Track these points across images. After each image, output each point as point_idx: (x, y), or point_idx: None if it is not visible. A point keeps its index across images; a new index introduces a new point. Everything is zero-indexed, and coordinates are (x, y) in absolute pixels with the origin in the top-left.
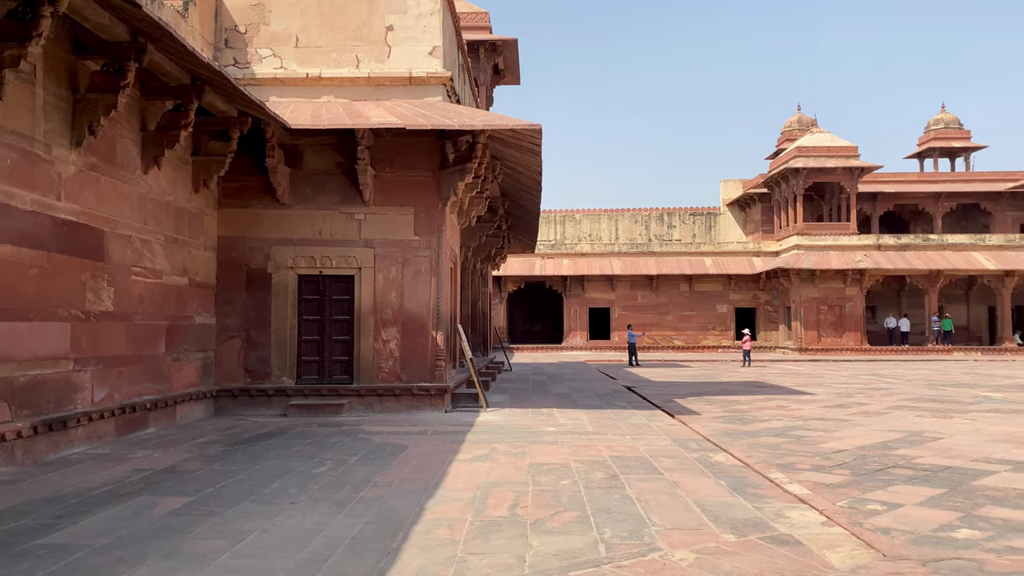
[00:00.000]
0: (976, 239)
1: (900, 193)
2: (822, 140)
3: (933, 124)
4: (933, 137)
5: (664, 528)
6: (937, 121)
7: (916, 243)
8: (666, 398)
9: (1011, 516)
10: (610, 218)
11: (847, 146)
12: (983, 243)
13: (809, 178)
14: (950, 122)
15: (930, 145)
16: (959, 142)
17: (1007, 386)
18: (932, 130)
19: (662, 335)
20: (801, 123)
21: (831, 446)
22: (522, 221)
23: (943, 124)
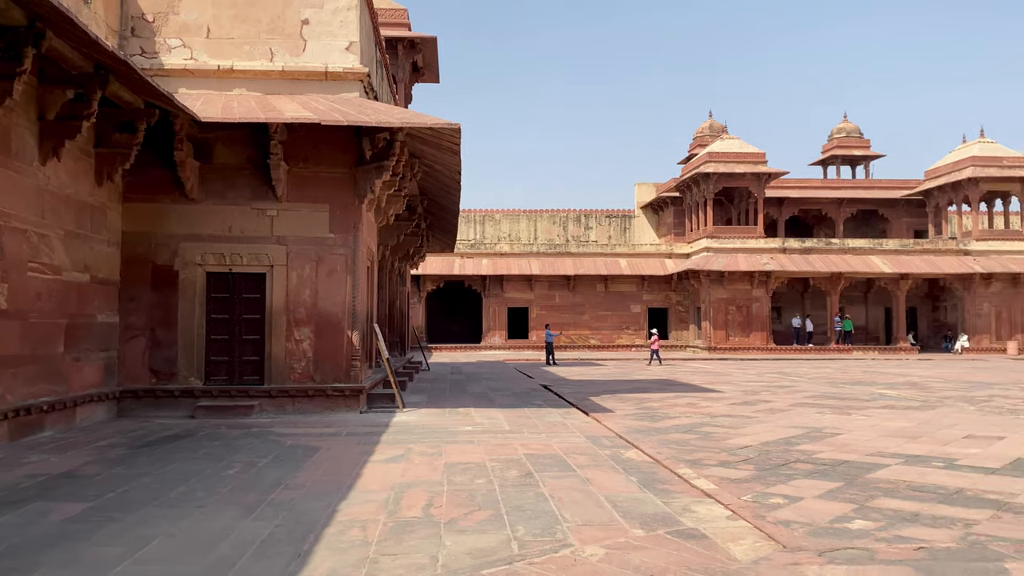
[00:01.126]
0: (874, 243)
1: (805, 198)
2: (732, 146)
3: (836, 133)
4: (836, 145)
5: (576, 524)
6: (840, 130)
7: (819, 247)
8: (581, 396)
9: (901, 507)
10: (529, 218)
11: (755, 152)
12: (881, 247)
13: (719, 183)
14: (852, 131)
15: (833, 153)
16: (860, 150)
17: (900, 384)
18: (835, 138)
19: (579, 334)
20: (712, 129)
21: (737, 442)
22: (441, 220)
23: (845, 133)
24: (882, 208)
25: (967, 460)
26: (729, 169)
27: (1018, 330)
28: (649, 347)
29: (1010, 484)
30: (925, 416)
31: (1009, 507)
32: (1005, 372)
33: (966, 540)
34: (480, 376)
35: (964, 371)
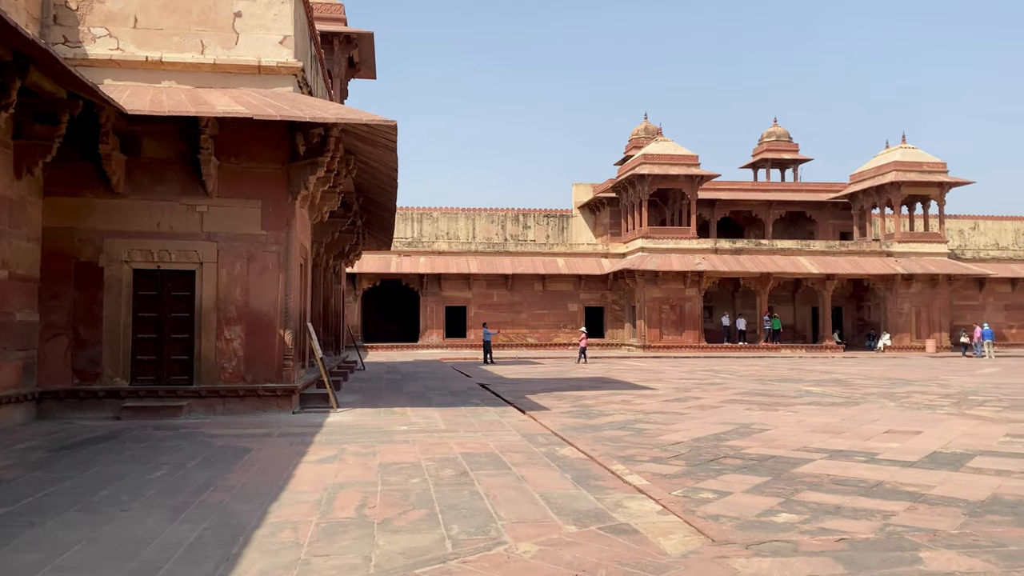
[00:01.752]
0: (802, 245)
1: (736, 200)
2: (666, 148)
3: (766, 136)
4: (766, 149)
5: (510, 522)
6: (770, 134)
7: (749, 247)
8: (518, 395)
9: (824, 500)
10: (467, 217)
11: (689, 155)
12: (808, 248)
13: (654, 184)
14: (781, 135)
15: (763, 156)
16: (789, 154)
17: (826, 380)
18: (765, 142)
19: (516, 333)
20: (648, 131)
21: (669, 438)
22: (378, 218)
23: (775, 137)
24: (810, 210)
25: (887, 454)
26: (663, 171)
27: (936, 329)
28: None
29: (926, 477)
30: (849, 412)
31: (925, 499)
32: (924, 369)
33: (884, 531)
34: (417, 375)
35: (886, 368)
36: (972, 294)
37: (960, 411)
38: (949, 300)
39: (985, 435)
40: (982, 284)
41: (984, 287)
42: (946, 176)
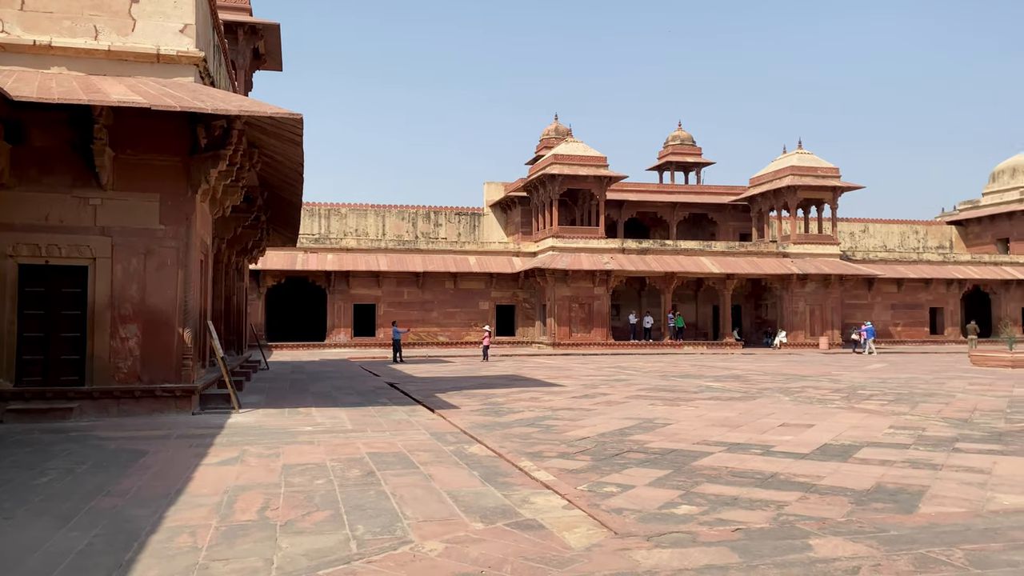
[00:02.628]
0: (704, 245)
1: (642, 202)
2: (576, 149)
3: (671, 140)
4: (671, 152)
5: (417, 521)
6: (675, 137)
7: (655, 247)
8: (428, 393)
9: (722, 491)
10: (377, 214)
11: (598, 156)
12: (710, 249)
13: (564, 184)
14: (685, 139)
15: (668, 159)
16: (692, 157)
17: (725, 376)
18: (670, 145)
19: (427, 332)
20: (558, 132)
21: (576, 434)
22: (283, 213)
23: (679, 140)
24: (711, 212)
25: (781, 447)
26: (573, 171)
27: (829, 327)
28: (479, 343)
29: (817, 468)
30: (746, 406)
31: (815, 489)
32: (817, 365)
33: (778, 520)
34: (323, 375)
35: (781, 364)
36: (862, 293)
37: (849, 405)
38: (841, 299)
39: (871, 427)
40: (871, 284)
41: (873, 287)
42: (839, 181)
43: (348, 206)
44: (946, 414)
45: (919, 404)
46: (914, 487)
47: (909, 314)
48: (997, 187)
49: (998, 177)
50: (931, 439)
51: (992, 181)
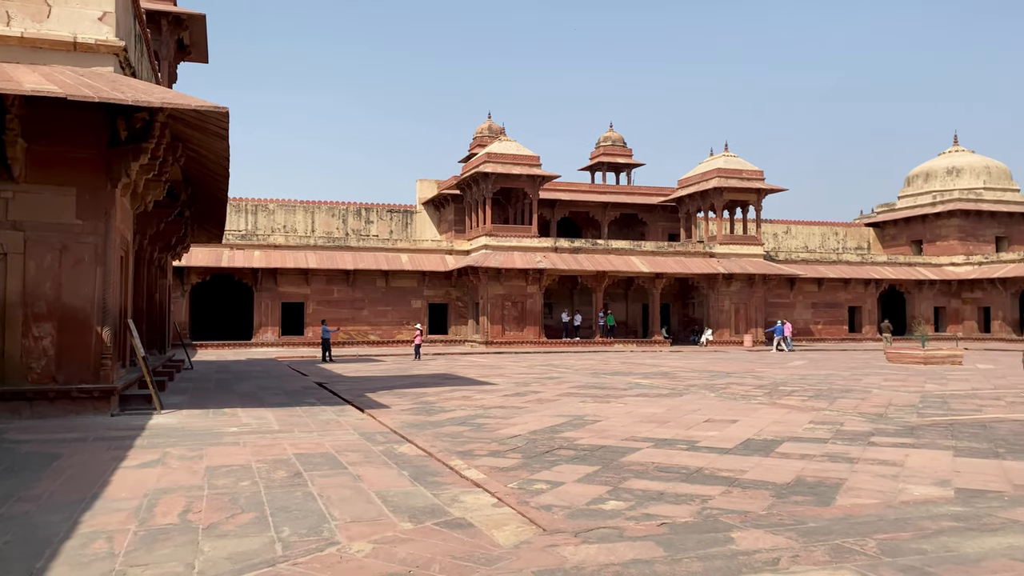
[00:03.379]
0: (634, 245)
1: (574, 201)
2: (509, 148)
3: (603, 141)
4: (602, 153)
5: (344, 521)
6: (606, 138)
7: (587, 247)
8: (358, 393)
9: (649, 487)
10: (306, 210)
11: (531, 155)
12: (640, 249)
13: (497, 183)
14: (617, 140)
15: (600, 159)
16: (623, 158)
17: (654, 373)
18: (602, 146)
19: (358, 330)
20: (492, 130)
21: (507, 432)
22: (208, 209)
23: (611, 141)
24: (642, 212)
25: (706, 442)
26: (507, 170)
27: (753, 325)
28: (411, 342)
29: (740, 462)
30: (673, 403)
31: (738, 483)
32: (741, 362)
33: (702, 514)
34: (250, 374)
35: (708, 362)
36: (784, 292)
37: (771, 401)
38: (764, 298)
39: (792, 423)
40: (793, 283)
41: (795, 286)
42: (763, 183)
43: (276, 202)
44: (863, 409)
45: (837, 400)
46: (832, 480)
47: (829, 313)
48: (912, 191)
49: (913, 181)
50: (848, 433)
51: (907, 185)
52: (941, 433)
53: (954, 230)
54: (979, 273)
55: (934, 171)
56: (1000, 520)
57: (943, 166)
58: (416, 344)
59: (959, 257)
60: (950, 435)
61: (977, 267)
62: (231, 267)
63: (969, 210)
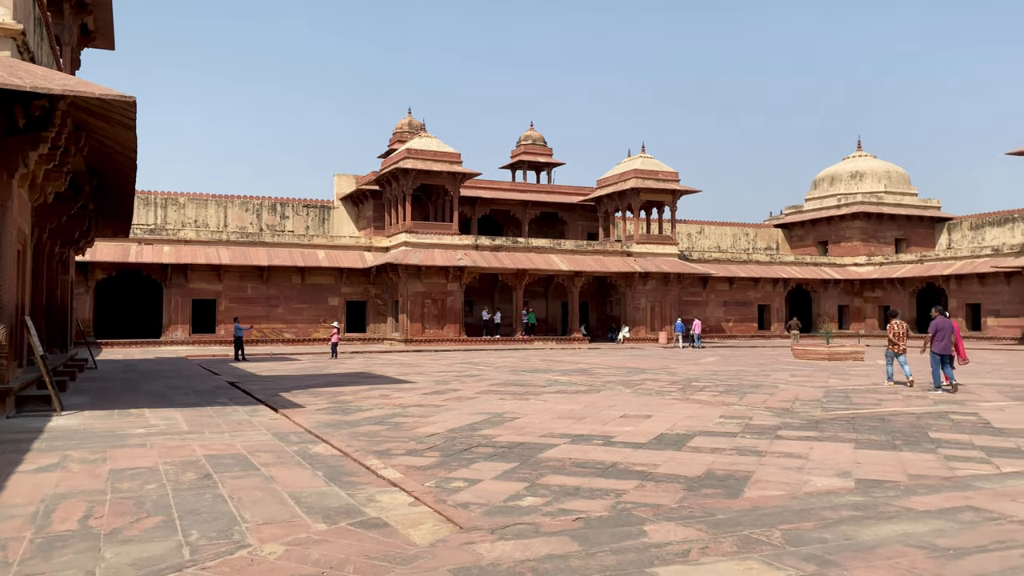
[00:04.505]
0: (554, 244)
1: (495, 199)
2: (430, 144)
3: (524, 140)
4: (523, 151)
5: (256, 523)
6: (527, 137)
7: (508, 245)
8: (271, 392)
9: (566, 482)
10: (219, 204)
11: (451, 152)
12: (560, 247)
13: (417, 179)
14: (537, 139)
15: (520, 158)
16: (544, 158)
17: (572, 370)
18: (523, 145)
19: (272, 328)
20: (412, 126)
21: (425, 430)
22: (114, 202)
23: (531, 140)
24: (561, 211)
25: (622, 437)
26: (427, 167)
27: (668, 322)
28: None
29: (653, 457)
30: (591, 399)
31: (651, 477)
32: (656, 359)
33: (616, 508)
34: (158, 374)
35: (624, 358)
36: (698, 291)
37: (684, 396)
38: (679, 296)
39: (704, 417)
40: (706, 282)
41: (707, 285)
42: (678, 185)
43: (187, 195)
44: (770, 404)
45: (747, 395)
46: (741, 473)
47: (740, 310)
48: (818, 194)
49: (819, 184)
50: (756, 427)
51: (814, 188)
52: (843, 426)
53: (857, 232)
54: (880, 273)
55: (839, 175)
56: (895, 508)
57: (847, 170)
58: (333, 342)
59: (861, 258)
60: (851, 428)
61: (878, 267)
62: (139, 263)
63: (871, 213)
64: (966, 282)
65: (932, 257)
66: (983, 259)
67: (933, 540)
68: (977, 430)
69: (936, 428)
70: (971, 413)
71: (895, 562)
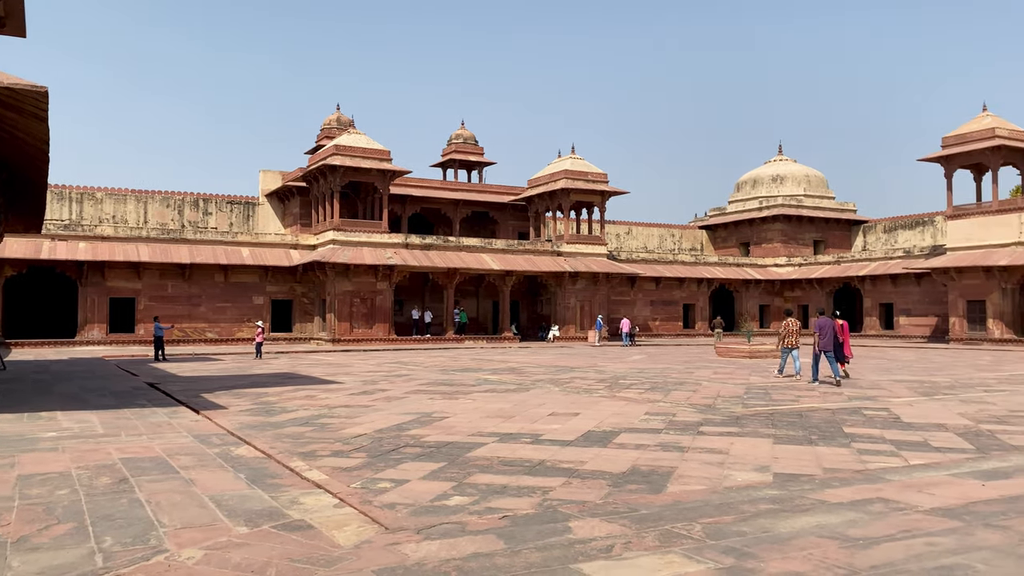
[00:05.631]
0: (485, 243)
1: (426, 198)
2: (359, 141)
3: (455, 138)
4: (454, 150)
5: (174, 528)
6: (458, 136)
7: (438, 243)
8: (193, 394)
9: (493, 481)
10: (138, 200)
11: (381, 149)
12: (491, 247)
13: (346, 176)
14: (468, 138)
15: (452, 157)
16: (475, 156)
17: (502, 369)
18: (454, 143)
19: (194, 328)
20: (340, 122)
21: (352, 431)
22: (24, 196)
23: (463, 139)
24: (493, 211)
25: (550, 435)
26: (356, 164)
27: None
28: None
29: (580, 454)
30: (520, 397)
31: (578, 474)
32: (585, 357)
33: (543, 505)
34: (72, 375)
35: (554, 357)
36: (625, 290)
37: (611, 394)
38: (607, 296)
39: (630, 414)
40: (633, 282)
41: (635, 284)
42: (607, 186)
43: (104, 190)
44: (694, 401)
45: (671, 392)
46: (664, 468)
47: (666, 310)
48: (741, 196)
49: (741, 187)
50: (680, 424)
51: (737, 191)
52: (763, 422)
53: (777, 234)
54: (799, 274)
55: (761, 178)
56: (810, 501)
57: (769, 174)
58: (257, 342)
59: (782, 259)
60: (771, 424)
61: (797, 268)
62: (52, 259)
63: (791, 215)
64: (880, 282)
65: (848, 258)
66: (896, 260)
67: (845, 531)
68: (888, 425)
69: (850, 423)
70: (883, 408)
71: (809, 553)
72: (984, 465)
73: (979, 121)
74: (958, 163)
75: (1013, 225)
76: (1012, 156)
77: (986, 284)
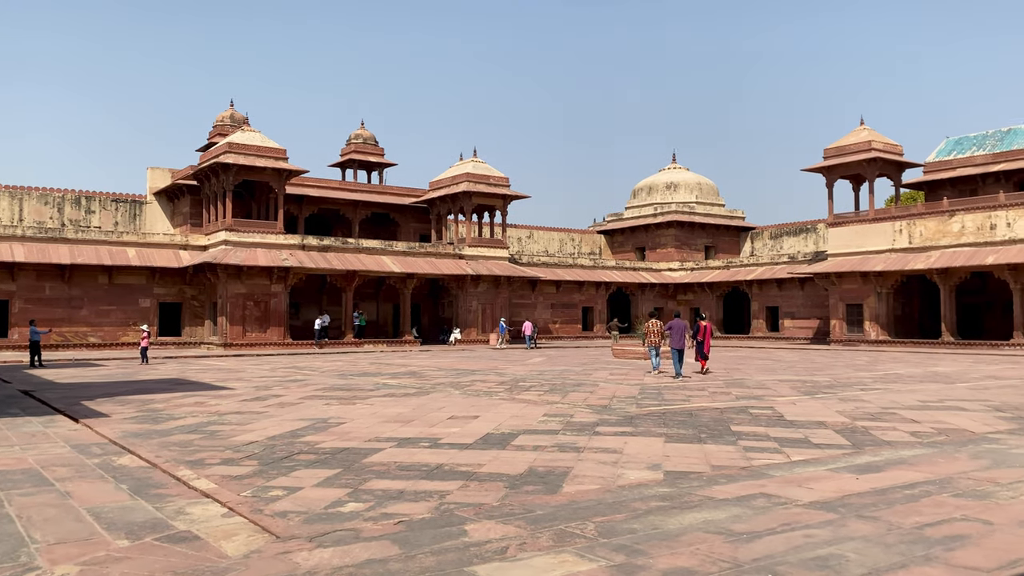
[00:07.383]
0: (386, 245)
1: (324, 198)
2: (253, 139)
3: (354, 138)
4: (354, 150)
5: (48, 543)
6: (358, 136)
7: (337, 245)
8: (72, 401)
9: (390, 486)
10: (12, 196)
11: (277, 148)
12: (391, 249)
13: (239, 175)
14: (368, 138)
15: (351, 157)
16: (375, 157)
17: (402, 373)
18: (353, 143)
19: (75, 332)
20: (234, 120)
21: (243, 438)
22: None
23: (363, 139)
24: (393, 212)
25: (449, 438)
26: (250, 162)
27: (498, 324)
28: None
29: (478, 457)
30: (419, 401)
31: (476, 476)
32: (486, 360)
33: (439, 509)
34: None
35: (455, 360)
36: (527, 294)
37: (511, 396)
38: (509, 299)
39: (528, 416)
40: (535, 285)
41: (536, 288)
42: (509, 190)
43: None
44: (591, 401)
45: (569, 393)
46: (560, 469)
47: (566, 312)
48: (637, 202)
49: (638, 194)
50: (577, 424)
51: (633, 197)
52: (655, 422)
53: (671, 239)
54: (691, 278)
55: (656, 185)
56: (698, 498)
57: (663, 181)
58: (143, 347)
59: (675, 263)
60: (663, 423)
61: (690, 272)
62: None
63: (684, 221)
64: (766, 287)
65: (737, 263)
66: (781, 266)
67: (730, 526)
68: (772, 423)
69: (737, 422)
70: (768, 407)
71: (696, 548)
72: (858, 460)
73: (857, 134)
74: (838, 173)
75: (887, 233)
76: (887, 168)
77: (863, 288)
